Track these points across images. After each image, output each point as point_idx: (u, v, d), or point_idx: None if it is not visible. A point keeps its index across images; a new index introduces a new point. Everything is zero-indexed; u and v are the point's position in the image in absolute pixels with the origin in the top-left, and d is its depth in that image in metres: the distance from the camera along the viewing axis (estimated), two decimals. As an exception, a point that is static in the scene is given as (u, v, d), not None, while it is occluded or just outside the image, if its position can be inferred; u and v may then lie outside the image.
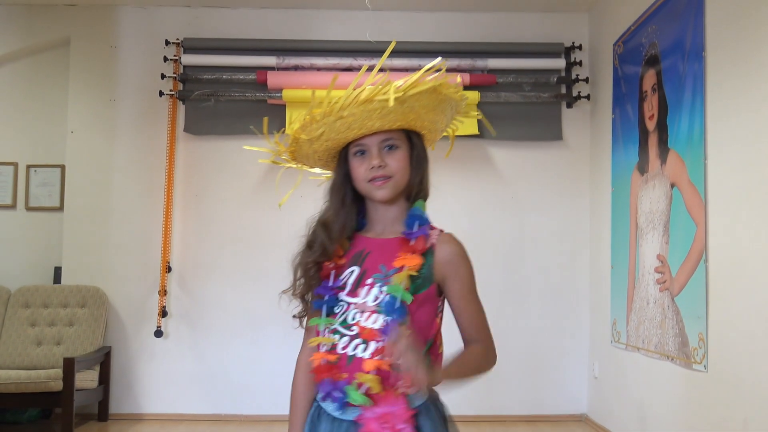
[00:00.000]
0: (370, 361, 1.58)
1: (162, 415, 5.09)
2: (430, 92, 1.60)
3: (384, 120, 1.60)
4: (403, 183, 1.70)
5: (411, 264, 1.63)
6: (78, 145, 5.26)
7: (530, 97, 5.14)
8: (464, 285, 1.72)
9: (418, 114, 1.64)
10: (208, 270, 5.18)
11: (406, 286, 1.61)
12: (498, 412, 5.13)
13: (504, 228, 5.22)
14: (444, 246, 1.72)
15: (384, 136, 1.66)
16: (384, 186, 1.67)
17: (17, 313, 4.95)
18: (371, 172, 1.65)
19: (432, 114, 1.68)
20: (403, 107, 1.58)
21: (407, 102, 1.58)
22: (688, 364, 3.56)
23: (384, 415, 1.56)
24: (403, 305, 1.60)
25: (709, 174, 3.42)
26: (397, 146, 1.68)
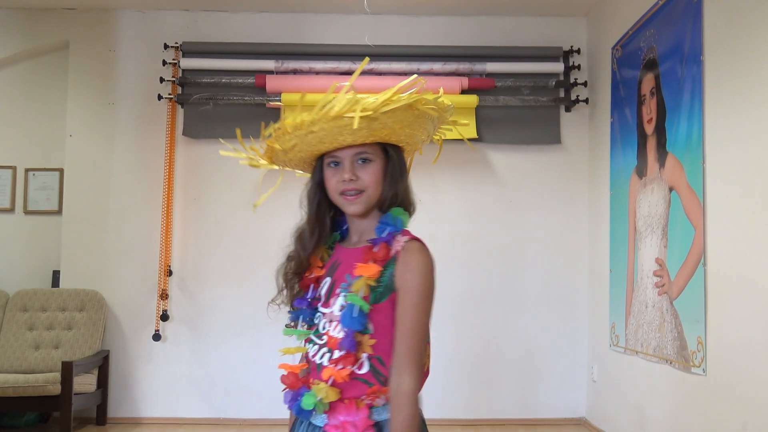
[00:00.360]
0: (327, 369, 1.59)
1: (160, 419, 5.08)
2: (405, 109, 1.58)
3: (356, 135, 1.59)
4: (376, 197, 1.67)
5: (368, 273, 1.60)
6: (77, 149, 5.25)
7: (529, 100, 5.15)
8: (408, 299, 1.59)
9: (392, 130, 1.62)
10: (208, 273, 5.18)
11: (364, 294, 1.58)
12: (497, 415, 5.13)
13: (503, 231, 5.23)
14: (404, 255, 1.62)
15: (358, 149, 1.64)
16: (355, 201, 1.65)
17: (15, 317, 4.95)
18: (342, 185, 1.64)
19: (408, 129, 1.65)
20: (375, 124, 1.57)
21: (380, 119, 1.56)
22: (686, 367, 3.56)
23: (343, 424, 1.56)
24: (362, 314, 1.57)
25: (707, 178, 3.42)
26: (371, 159, 1.66)
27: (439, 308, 5.23)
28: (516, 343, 5.17)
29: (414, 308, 1.58)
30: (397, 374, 1.56)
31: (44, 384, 4.36)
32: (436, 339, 5.52)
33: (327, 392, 1.57)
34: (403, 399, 1.56)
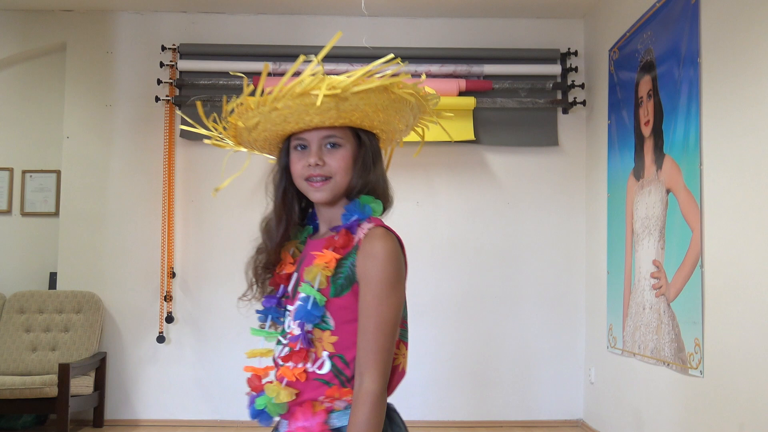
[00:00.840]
0: (281, 368, 1.51)
1: (158, 421, 5.07)
2: (380, 91, 1.46)
3: (324, 116, 1.47)
4: (344, 185, 1.54)
5: (323, 261, 1.48)
6: (74, 151, 5.25)
7: (526, 102, 5.15)
8: (370, 291, 1.44)
9: (364, 113, 1.49)
10: (210, 275, 5.17)
11: (321, 286, 1.47)
12: (494, 417, 5.13)
13: (500, 233, 5.23)
14: (366, 242, 1.47)
15: (326, 132, 1.52)
16: (321, 188, 1.53)
17: (12, 319, 4.94)
18: (308, 170, 1.52)
19: (383, 114, 1.52)
20: (345, 105, 1.45)
21: (350, 100, 1.44)
22: (684, 369, 3.56)
23: (297, 430, 1.45)
24: (317, 307, 1.47)
25: (704, 180, 3.43)
26: (340, 144, 1.53)
27: (436, 310, 5.25)
28: (513, 344, 5.17)
29: (376, 300, 1.43)
30: (359, 374, 1.42)
31: (41, 386, 4.36)
32: (435, 340, 5.53)
33: (278, 392, 1.47)
34: (362, 399, 1.40)
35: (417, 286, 5.14)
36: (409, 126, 1.64)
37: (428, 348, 5.14)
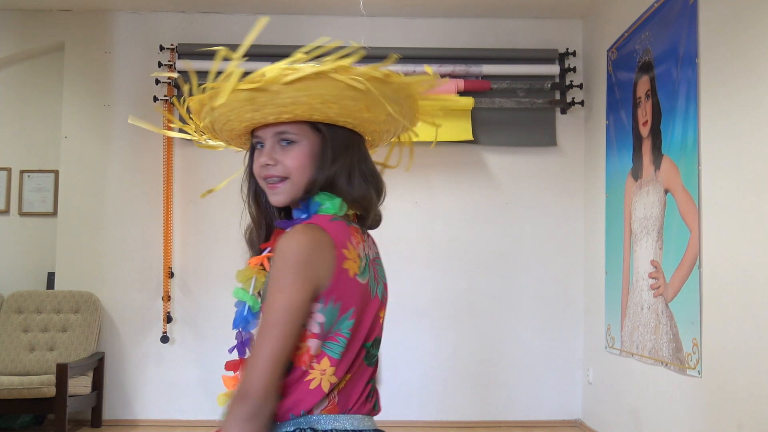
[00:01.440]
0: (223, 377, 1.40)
1: (156, 421, 5.07)
2: (323, 81, 1.31)
3: (263, 112, 1.35)
4: (302, 184, 1.39)
5: (253, 263, 1.40)
6: (72, 151, 5.24)
7: (524, 103, 5.16)
8: (267, 291, 1.30)
9: (310, 106, 1.33)
10: (209, 275, 5.17)
11: (255, 290, 1.38)
12: (493, 417, 5.13)
13: (498, 233, 5.23)
14: (278, 242, 1.32)
15: (278, 129, 1.39)
16: (277, 190, 1.41)
17: (10, 319, 4.93)
18: (263, 170, 1.42)
19: (336, 106, 1.35)
20: (281, 99, 1.32)
21: (285, 93, 1.31)
22: (682, 369, 3.56)
23: None
24: (251, 313, 1.37)
25: (702, 180, 3.43)
26: (295, 141, 1.39)
27: (435, 310, 5.25)
28: (512, 344, 5.18)
29: (268, 301, 1.28)
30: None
31: (39, 386, 4.35)
32: (433, 340, 5.53)
33: (223, 401, 1.35)
34: (225, 420, 1.23)
35: (415, 287, 5.14)
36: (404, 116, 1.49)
37: (427, 348, 5.14)
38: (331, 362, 1.30)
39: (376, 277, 1.40)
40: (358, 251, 1.35)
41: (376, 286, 1.39)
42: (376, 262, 1.45)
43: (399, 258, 5.10)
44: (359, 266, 1.34)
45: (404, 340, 5.06)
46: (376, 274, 1.41)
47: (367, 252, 1.40)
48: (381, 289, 1.41)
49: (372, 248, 1.45)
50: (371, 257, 1.41)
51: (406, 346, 5.07)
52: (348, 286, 1.31)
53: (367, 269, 1.37)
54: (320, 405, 1.29)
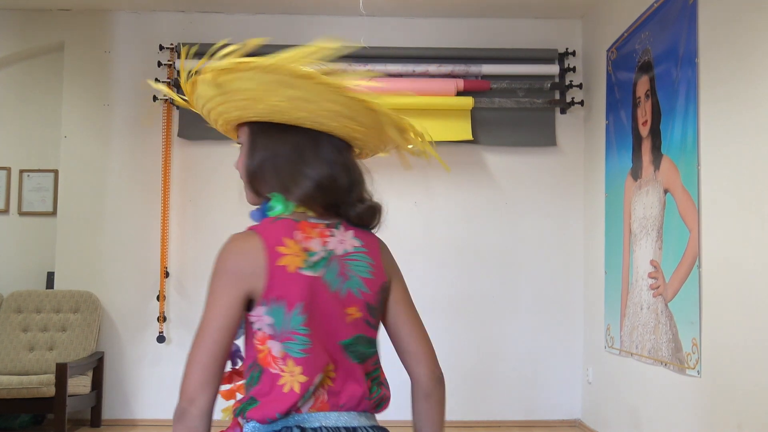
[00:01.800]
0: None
1: (155, 421, 5.07)
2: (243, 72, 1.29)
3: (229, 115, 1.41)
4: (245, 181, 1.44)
5: None
6: (71, 150, 5.24)
7: (524, 102, 5.16)
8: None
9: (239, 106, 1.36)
10: (203, 275, 5.17)
11: None
12: (492, 417, 5.13)
13: (498, 233, 5.23)
14: None
15: (236, 133, 1.45)
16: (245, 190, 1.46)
17: (9, 318, 4.93)
18: None
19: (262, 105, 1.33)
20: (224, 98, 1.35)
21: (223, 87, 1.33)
22: (681, 369, 3.56)
23: None
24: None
25: (702, 180, 3.43)
26: (242, 143, 1.44)
27: (434, 310, 5.26)
28: (511, 344, 5.18)
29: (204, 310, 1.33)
30: None
31: (38, 386, 4.35)
32: (432, 340, 5.48)
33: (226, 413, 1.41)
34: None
35: (415, 286, 5.13)
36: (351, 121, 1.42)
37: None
38: (296, 362, 1.29)
39: (342, 272, 1.35)
40: (303, 246, 1.32)
41: (340, 281, 1.34)
42: (350, 257, 1.37)
43: (398, 258, 5.09)
44: (304, 260, 1.31)
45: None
46: (344, 269, 1.35)
47: (330, 247, 1.35)
48: (351, 285, 1.35)
49: (345, 243, 1.38)
50: (338, 252, 1.36)
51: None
52: (288, 281, 1.29)
53: (322, 264, 1.33)
54: (306, 403, 1.29)
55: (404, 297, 1.47)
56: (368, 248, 1.40)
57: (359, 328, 1.35)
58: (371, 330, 1.38)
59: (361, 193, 1.41)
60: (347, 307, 1.34)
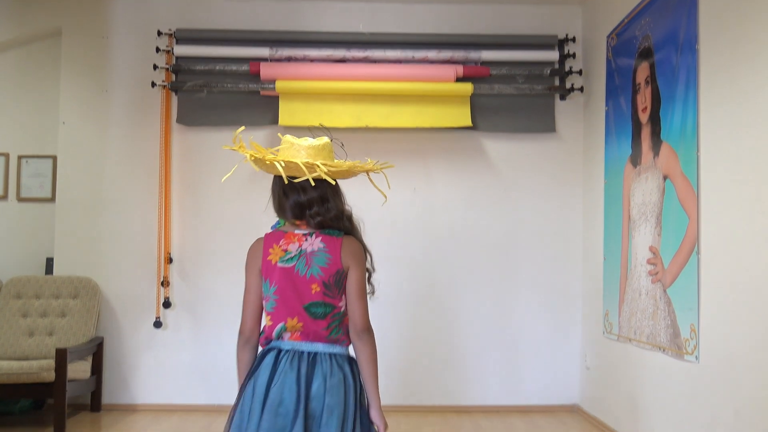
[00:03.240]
0: None
1: (155, 406, 5.09)
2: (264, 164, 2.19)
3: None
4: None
5: None
6: (70, 136, 5.23)
7: (523, 89, 5.15)
8: None
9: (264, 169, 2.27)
10: (206, 261, 5.18)
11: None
12: (490, 402, 5.15)
13: (497, 219, 5.24)
14: None
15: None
16: None
17: (9, 304, 4.94)
18: None
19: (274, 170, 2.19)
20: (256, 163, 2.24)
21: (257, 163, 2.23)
22: (679, 355, 3.58)
23: None
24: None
25: (701, 166, 3.43)
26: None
27: (433, 295, 5.27)
28: (510, 330, 5.19)
29: None
30: None
31: (38, 371, 4.36)
32: (430, 325, 5.53)
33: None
34: None
35: (414, 272, 5.16)
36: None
37: (424, 332, 5.16)
38: (266, 314, 2.18)
39: (308, 263, 2.12)
40: (283, 248, 2.15)
41: (306, 269, 2.11)
42: (315, 254, 2.13)
43: (397, 244, 5.11)
44: (281, 258, 2.14)
45: (403, 324, 5.07)
46: (309, 261, 2.12)
47: (303, 247, 2.14)
48: (313, 270, 2.11)
49: (313, 245, 2.14)
50: (307, 251, 2.13)
51: (403, 330, 5.09)
52: (271, 269, 2.15)
53: (296, 258, 2.12)
54: (283, 336, 2.14)
55: (354, 280, 2.14)
56: (329, 248, 2.13)
57: (318, 297, 2.11)
58: (328, 299, 2.12)
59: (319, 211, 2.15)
60: (311, 284, 2.11)
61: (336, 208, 2.16)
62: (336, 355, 2.12)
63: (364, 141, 5.15)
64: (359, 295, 2.13)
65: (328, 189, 2.15)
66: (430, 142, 5.25)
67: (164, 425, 4.69)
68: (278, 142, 2.22)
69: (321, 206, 2.14)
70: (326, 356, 2.10)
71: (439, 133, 5.22)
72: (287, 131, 5.13)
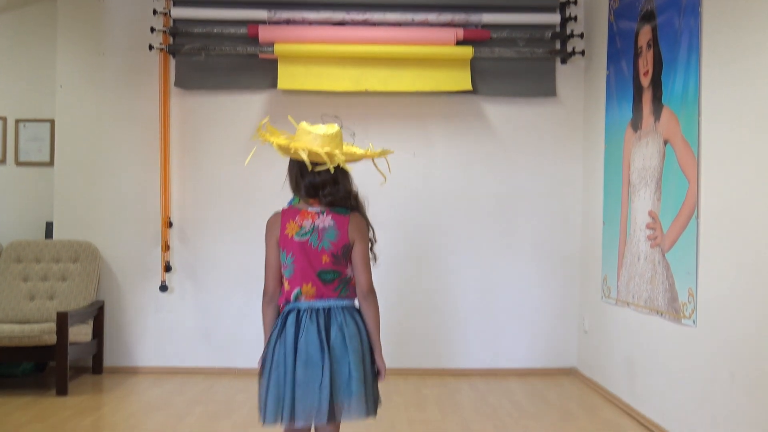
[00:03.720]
0: None
1: (156, 368, 5.13)
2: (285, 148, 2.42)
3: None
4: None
5: None
6: (67, 100, 5.20)
7: (524, 52, 5.10)
8: None
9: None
10: (207, 224, 5.19)
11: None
12: (489, 365, 5.20)
13: (497, 183, 5.23)
14: None
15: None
16: None
17: (9, 268, 4.95)
18: None
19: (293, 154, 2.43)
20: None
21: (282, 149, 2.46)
22: (677, 319, 3.60)
23: None
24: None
25: (702, 131, 3.42)
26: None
27: (432, 259, 5.28)
28: (508, 293, 5.22)
29: None
30: None
31: (40, 334, 4.39)
32: (430, 289, 5.55)
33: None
34: None
35: (413, 236, 5.16)
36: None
37: (422, 296, 5.18)
38: (285, 279, 2.45)
39: (320, 237, 2.39)
40: (299, 223, 2.40)
41: (318, 242, 2.39)
42: (326, 230, 2.40)
43: (397, 208, 5.11)
44: (297, 231, 2.40)
45: (401, 288, 5.10)
46: (321, 236, 2.39)
47: (316, 224, 2.40)
48: (324, 244, 2.39)
49: (324, 223, 2.40)
50: (319, 227, 2.40)
51: (401, 294, 5.11)
52: (288, 241, 2.41)
53: (309, 233, 2.39)
54: (299, 299, 2.41)
55: (359, 251, 2.42)
56: (338, 225, 2.41)
57: (328, 265, 2.41)
58: (336, 267, 2.41)
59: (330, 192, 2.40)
60: (322, 255, 2.40)
61: (344, 189, 2.42)
62: (346, 308, 2.43)
63: (363, 106, 5.12)
64: (364, 263, 2.42)
65: (339, 172, 2.40)
66: (429, 106, 5.22)
67: (166, 387, 4.74)
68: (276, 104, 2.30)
69: (333, 187, 2.40)
70: (339, 309, 2.41)
71: (439, 97, 5.19)
72: (286, 95, 5.12)
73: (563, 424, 4.00)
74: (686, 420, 3.52)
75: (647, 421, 3.92)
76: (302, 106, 5.08)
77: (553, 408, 4.33)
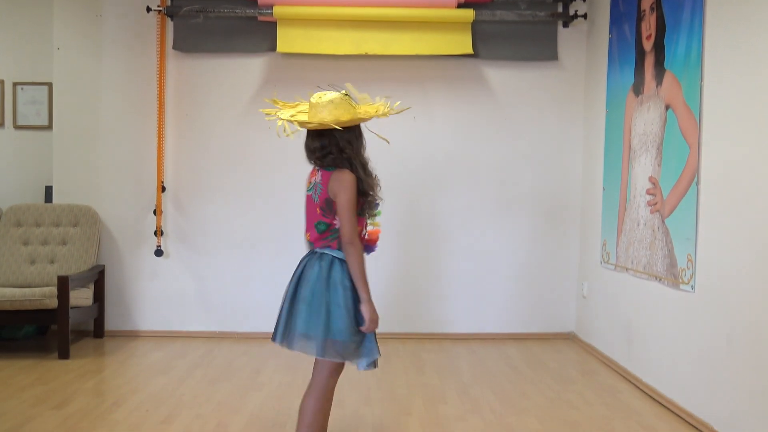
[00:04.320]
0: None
1: (157, 332, 5.17)
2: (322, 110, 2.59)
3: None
4: None
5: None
6: (65, 62, 5.15)
7: (526, 15, 5.05)
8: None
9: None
10: (201, 189, 5.18)
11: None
12: (487, 329, 5.23)
13: (497, 148, 5.21)
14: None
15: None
16: None
17: (9, 232, 4.96)
18: None
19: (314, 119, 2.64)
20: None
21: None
22: (675, 284, 3.61)
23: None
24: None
25: (704, 96, 3.39)
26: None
27: (432, 223, 5.28)
28: (508, 258, 5.23)
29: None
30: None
31: (41, 298, 4.41)
32: (430, 254, 5.55)
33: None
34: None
35: (412, 201, 5.16)
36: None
37: (422, 261, 5.19)
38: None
39: (315, 191, 2.63)
40: (309, 180, 2.70)
41: (315, 196, 2.63)
42: (318, 185, 2.62)
43: (397, 173, 5.09)
44: (308, 186, 2.69)
45: (401, 252, 5.11)
46: (316, 190, 2.63)
47: (316, 180, 2.64)
48: (315, 197, 2.63)
49: (317, 179, 2.64)
50: (316, 183, 2.64)
51: (400, 259, 5.12)
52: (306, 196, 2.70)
53: (312, 188, 2.65)
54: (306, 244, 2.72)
55: (340, 204, 2.57)
56: (322, 181, 2.62)
57: (319, 217, 2.63)
58: (324, 218, 2.62)
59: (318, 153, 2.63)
60: (316, 208, 2.64)
61: (336, 149, 2.61)
62: (326, 255, 2.63)
63: (363, 69, 5.07)
64: (344, 215, 2.59)
65: (329, 138, 2.60)
66: (430, 69, 5.17)
67: (166, 351, 4.77)
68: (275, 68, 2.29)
69: (321, 151, 2.63)
70: (321, 255, 2.64)
71: (440, 61, 5.14)
72: (285, 58, 5.08)
73: (561, 388, 4.03)
74: (684, 384, 3.55)
75: (645, 386, 3.96)
76: (301, 69, 5.03)
77: (552, 372, 4.37)
